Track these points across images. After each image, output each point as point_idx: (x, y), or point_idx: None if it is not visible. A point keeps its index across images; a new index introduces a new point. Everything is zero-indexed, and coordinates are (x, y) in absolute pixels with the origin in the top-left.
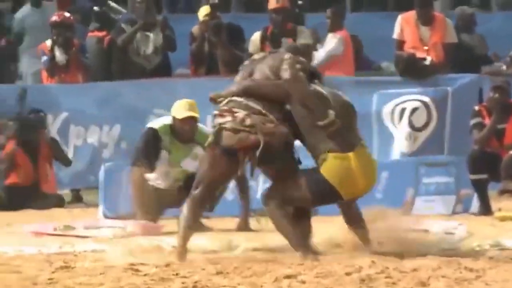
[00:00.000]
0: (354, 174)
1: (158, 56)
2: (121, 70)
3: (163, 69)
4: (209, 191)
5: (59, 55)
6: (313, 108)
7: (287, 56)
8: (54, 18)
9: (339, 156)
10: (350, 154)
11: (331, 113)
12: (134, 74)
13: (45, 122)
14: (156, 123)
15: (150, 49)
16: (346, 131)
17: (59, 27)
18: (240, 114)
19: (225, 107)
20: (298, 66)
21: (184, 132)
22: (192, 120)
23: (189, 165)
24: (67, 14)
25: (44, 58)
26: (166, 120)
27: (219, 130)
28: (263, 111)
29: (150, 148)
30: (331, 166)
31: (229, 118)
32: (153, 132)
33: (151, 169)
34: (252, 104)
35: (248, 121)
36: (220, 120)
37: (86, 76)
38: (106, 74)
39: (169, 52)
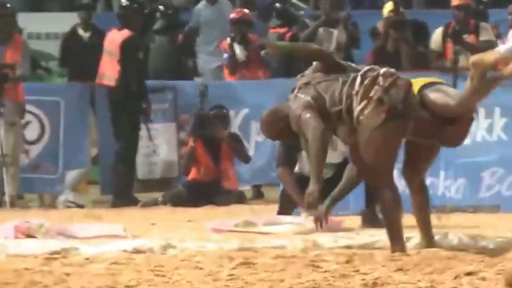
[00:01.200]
0: None
1: (341, 53)
2: (302, 67)
3: None
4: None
5: (239, 52)
6: None
7: None
8: (233, 15)
9: None
10: None
11: None
12: None
13: (227, 118)
14: None
15: (332, 46)
16: None
17: (238, 24)
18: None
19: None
20: None
21: None
22: None
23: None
24: (246, 11)
25: (225, 55)
26: None
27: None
28: None
29: (288, 147)
30: None
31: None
32: None
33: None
34: None
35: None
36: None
37: (266, 72)
38: (287, 70)
39: (353, 48)
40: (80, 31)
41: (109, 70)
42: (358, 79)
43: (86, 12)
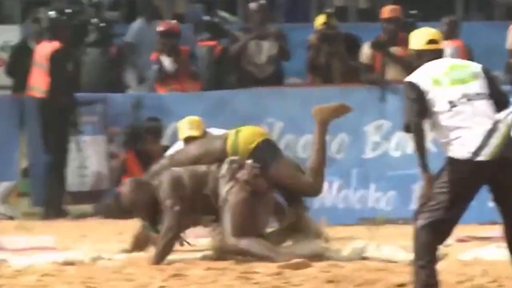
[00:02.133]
0: None
1: (271, 66)
2: (233, 79)
3: (275, 79)
4: None
5: (167, 64)
6: None
7: None
8: (161, 27)
9: None
10: None
11: None
12: (246, 83)
13: (161, 131)
14: None
15: (263, 58)
16: None
17: (166, 36)
18: None
19: None
20: None
21: None
22: None
23: None
24: (173, 22)
25: (154, 67)
26: None
27: None
28: None
29: None
30: None
31: None
32: None
33: None
34: None
35: None
36: None
37: (196, 84)
38: (217, 83)
39: (283, 61)
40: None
41: (38, 82)
42: (225, 165)
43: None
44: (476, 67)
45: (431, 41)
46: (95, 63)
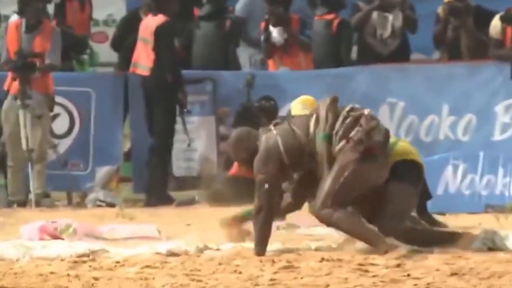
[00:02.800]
0: None
1: (396, 40)
2: (352, 55)
3: (400, 54)
4: None
5: (275, 34)
6: None
7: None
8: None
9: None
10: None
11: None
12: (367, 59)
13: (275, 111)
14: None
15: (387, 32)
16: None
17: (273, 3)
18: None
19: None
20: None
21: None
22: None
23: None
24: None
25: (262, 38)
26: None
27: None
28: None
29: None
30: None
31: None
32: None
33: None
34: None
35: None
36: None
37: (308, 56)
38: (334, 60)
39: (409, 33)
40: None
41: (143, 59)
42: (340, 118)
43: None
44: None
45: None
46: (209, 37)
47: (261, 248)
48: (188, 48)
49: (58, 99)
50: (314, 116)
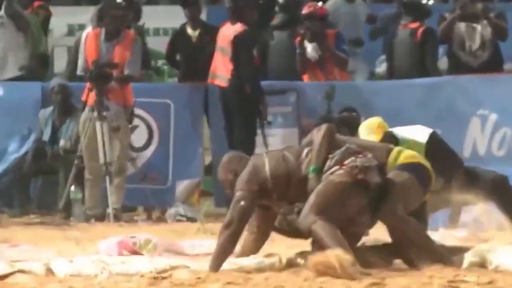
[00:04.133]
0: None
1: (486, 51)
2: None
3: (492, 65)
4: None
5: (310, 50)
6: None
7: None
8: (305, 9)
9: None
10: None
11: None
12: (457, 71)
13: (357, 123)
14: None
15: (476, 44)
16: None
17: (309, 20)
18: None
19: None
20: None
21: None
22: None
23: None
24: (319, 5)
25: (297, 53)
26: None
27: None
28: None
29: None
30: None
31: None
32: None
33: None
34: None
35: None
36: None
37: (343, 73)
38: (419, 70)
39: (500, 41)
40: (189, 30)
41: (221, 69)
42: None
43: (194, 7)
44: None
45: None
46: (283, 47)
47: (216, 264)
48: (263, 59)
49: (136, 110)
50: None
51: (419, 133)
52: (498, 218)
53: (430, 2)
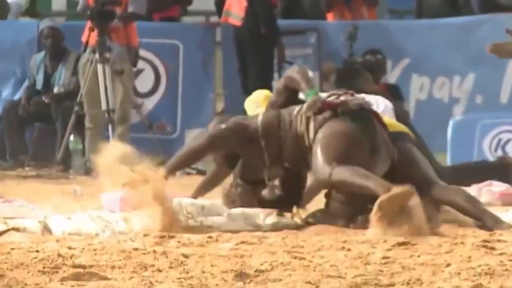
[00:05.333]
0: None
1: None
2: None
3: None
4: None
5: None
6: None
7: None
8: None
9: None
10: None
11: None
12: (489, 9)
13: (382, 67)
14: None
15: None
16: None
17: None
18: None
19: None
20: None
21: None
22: None
23: None
24: None
25: None
26: None
27: None
28: None
29: None
30: None
31: None
32: None
33: None
34: None
35: None
36: None
37: (372, 12)
38: (450, 9)
39: None
40: None
41: (235, 7)
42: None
43: None
44: None
45: None
46: None
47: (170, 169)
48: None
49: (142, 52)
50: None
51: None
52: None
53: None
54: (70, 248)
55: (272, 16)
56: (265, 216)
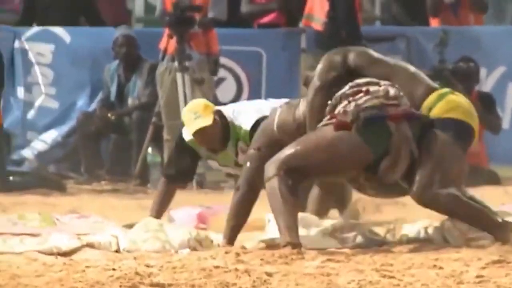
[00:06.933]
0: None
1: None
2: None
3: None
4: None
5: None
6: None
7: None
8: None
9: None
10: None
11: None
12: None
13: (474, 75)
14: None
15: None
16: None
17: None
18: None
19: None
20: None
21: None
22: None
23: None
24: None
25: None
26: None
27: None
28: None
29: None
30: None
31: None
32: None
33: None
34: None
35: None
36: None
37: (479, 19)
38: None
39: None
40: None
41: (317, 10)
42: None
43: None
44: None
45: None
46: None
47: (228, 233)
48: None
49: (223, 60)
50: None
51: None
52: None
53: None
54: (148, 266)
55: (354, 21)
56: (355, 235)
